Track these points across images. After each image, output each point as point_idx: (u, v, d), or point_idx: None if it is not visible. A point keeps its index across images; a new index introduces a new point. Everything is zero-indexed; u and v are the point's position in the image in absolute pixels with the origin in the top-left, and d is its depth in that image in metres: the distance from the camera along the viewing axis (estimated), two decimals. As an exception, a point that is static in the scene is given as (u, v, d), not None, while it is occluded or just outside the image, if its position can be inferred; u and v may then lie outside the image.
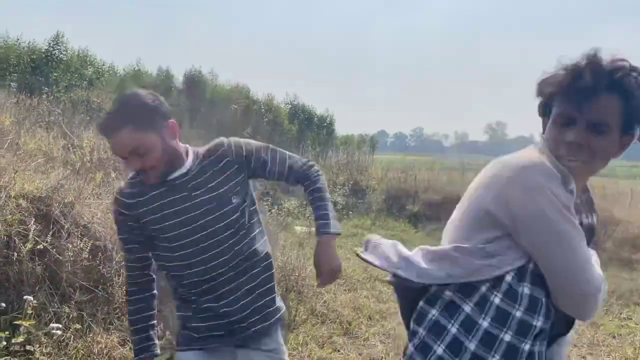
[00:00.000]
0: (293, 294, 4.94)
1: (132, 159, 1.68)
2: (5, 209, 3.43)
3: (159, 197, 1.76)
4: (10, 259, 3.28)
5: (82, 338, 3.31)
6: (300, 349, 4.10)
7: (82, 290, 3.61)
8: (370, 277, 6.29)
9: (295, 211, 10.49)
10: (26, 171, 3.98)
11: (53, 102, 9.05)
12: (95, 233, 3.84)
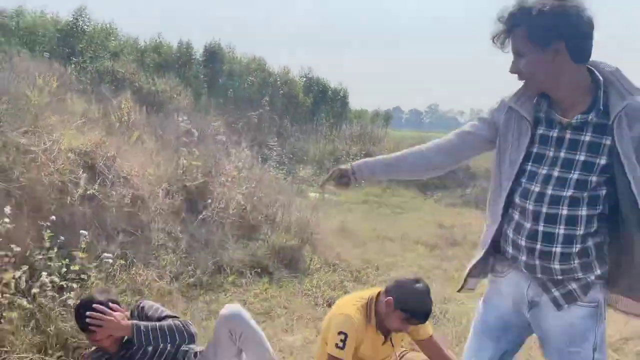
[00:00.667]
0: (308, 246, 5.42)
1: None
2: (58, 160, 3.92)
3: None
4: (65, 202, 3.78)
5: (126, 272, 3.84)
6: (315, 290, 4.60)
7: (125, 232, 4.12)
8: (379, 236, 6.76)
9: (309, 179, 10.95)
10: (72, 129, 4.46)
11: (80, 72, 9.52)
12: (134, 184, 4.34)
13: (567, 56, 1.55)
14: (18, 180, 3.59)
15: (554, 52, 1.55)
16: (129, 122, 5.04)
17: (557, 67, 1.57)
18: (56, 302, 3.20)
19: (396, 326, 2.65)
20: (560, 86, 1.61)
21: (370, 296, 2.73)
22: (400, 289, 2.60)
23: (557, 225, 1.63)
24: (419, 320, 2.63)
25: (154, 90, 9.94)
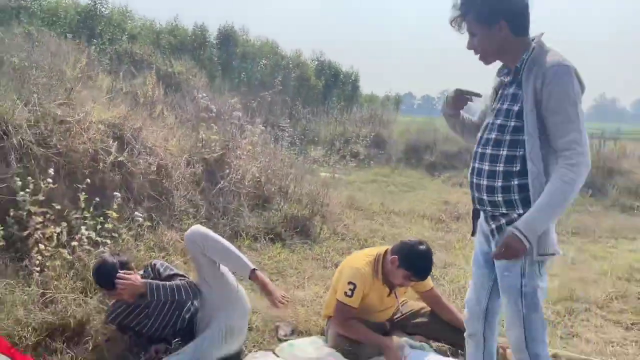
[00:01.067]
0: (318, 216, 5.76)
1: None
2: (90, 130, 4.28)
3: None
4: (97, 169, 4.15)
5: (152, 232, 4.21)
6: (324, 255, 4.95)
7: (150, 198, 4.49)
8: (387, 210, 7.08)
9: (320, 159, 11.26)
10: (100, 104, 4.81)
11: (100, 53, 9.87)
12: (158, 154, 4.70)
13: (509, 31, 1.96)
14: (56, 147, 3.97)
15: (498, 29, 1.96)
16: (153, 98, 5.38)
17: (502, 41, 1.98)
18: (92, 254, 3.57)
19: (399, 281, 2.99)
20: (506, 55, 2.02)
21: (378, 253, 3.07)
22: (405, 249, 2.93)
23: (484, 162, 2.04)
24: (419, 278, 2.97)
25: (170, 72, 10.27)
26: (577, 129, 1.86)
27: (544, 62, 1.90)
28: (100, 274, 2.84)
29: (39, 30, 5.94)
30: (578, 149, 1.84)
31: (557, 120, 1.87)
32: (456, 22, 2.03)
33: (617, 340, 3.40)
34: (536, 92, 1.90)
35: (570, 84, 1.87)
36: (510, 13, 1.96)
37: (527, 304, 2.00)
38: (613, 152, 10.17)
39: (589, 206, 8.30)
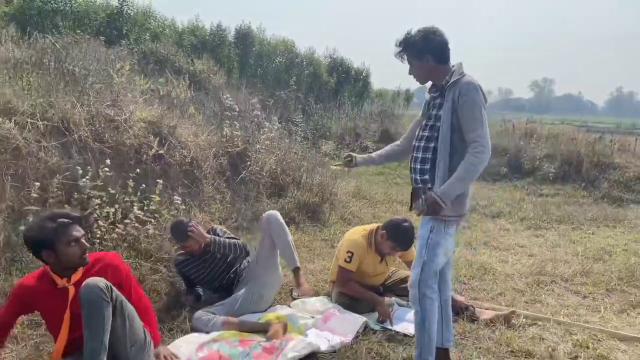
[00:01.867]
0: (327, 203, 6.51)
1: None
2: (134, 127, 5.06)
3: None
4: (141, 160, 4.93)
5: (187, 214, 4.98)
6: (332, 236, 5.69)
7: (184, 186, 5.27)
8: (390, 199, 7.80)
9: (331, 153, 11.99)
10: (139, 103, 5.58)
11: (128, 53, 10.64)
12: (190, 148, 5.47)
13: (434, 62, 2.75)
14: (108, 142, 4.75)
15: (426, 61, 2.74)
16: (185, 99, 6.16)
17: (430, 69, 2.76)
18: (140, 230, 4.36)
19: (387, 251, 3.74)
20: (434, 78, 2.79)
21: (372, 228, 3.82)
22: (392, 225, 3.68)
23: (418, 152, 2.81)
24: (402, 248, 3.72)
25: (192, 70, 11.03)
26: (480, 126, 2.60)
27: (460, 82, 2.67)
28: (177, 228, 3.61)
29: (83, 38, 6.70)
30: (481, 141, 2.59)
31: (468, 120, 2.62)
32: (399, 55, 2.82)
33: (572, 305, 4.09)
34: (454, 101, 2.66)
35: (477, 95, 2.63)
36: (434, 49, 2.73)
37: (428, 253, 2.73)
38: (607, 148, 10.72)
39: (580, 198, 8.94)
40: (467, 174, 2.62)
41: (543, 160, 10.59)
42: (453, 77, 2.72)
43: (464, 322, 3.56)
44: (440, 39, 2.75)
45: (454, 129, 2.67)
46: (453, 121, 2.67)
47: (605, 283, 4.54)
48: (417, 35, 2.75)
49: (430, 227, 2.74)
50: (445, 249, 2.79)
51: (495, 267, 4.88)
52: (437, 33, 2.75)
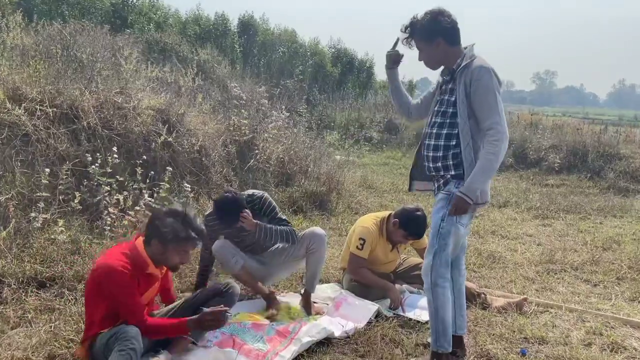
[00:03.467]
0: (334, 193, 6.49)
1: None
2: (143, 115, 5.04)
3: None
4: (149, 147, 4.92)
5: (196, 201, 4.98)
6: (340, 226, 5.68)
7: (192, 174, 5.26)
8: (396, 189, 7.79)
9: (335, 143, 11.97)
10: (147, 91, 5.56)
11: (134, 42, 10.61)
12: (198, 136, 5.45)
13: (445, 44, 2.66)
14: (117, 129, 4.74)
15: (437, 44, 2.66)
16: (193, 87, 6.13)
17: (441, 52, 2.67)
18: (150, 217, 4.35)
19: (399, 239, 3.73)
20: (446, 62, 2.70)
21: (383, 216, 3.81)
22: (404, 213, 3.66)
23: (430, 139, 2.74)
24: (414, 237, 3.71)
25: (196, 59, 10.99)
26: (496, 113, 2.54)
27: (472, 65, 2.60)
28: (229, 209, 3.17)
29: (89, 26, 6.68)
30: (498, 128, 2.54)
31: (482, 107, 2.57)
32: (407, 41, 2.75)
33: (584, 292, 4.09)
34: (466, 87, 2.60)
35: (490, 80, 2.56)
36: (444, 31, 2.64)
37: (440, 243, 2.70)
38: (613, 138, 10.68)
39: (586, 188, 8.92)
40: (488, 165, 2.56)
41: (548, 150, 10.55)
42: (464, 60, 2.65)
43: (477, 309, 3.55)
44: (450, 19, 2.67)
45: (470, 116, 2.62)
46: (470, 105, 2.60)
47: (615, 272, 4.53)
48: (424, 18, 2.67)
49: (442, 216, 2.70)
50: (457, 238, 2.75)
51: (504, 256, 4.88)
52: (446, 14, 2.67)
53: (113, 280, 2.40)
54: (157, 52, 10.62)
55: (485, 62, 2.62)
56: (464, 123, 2.63)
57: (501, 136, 2.55)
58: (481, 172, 2.56)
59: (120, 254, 2.49)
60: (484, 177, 2.59)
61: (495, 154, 2.54)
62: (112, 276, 2.40)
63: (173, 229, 2.45)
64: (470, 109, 2.62)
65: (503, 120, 2.58)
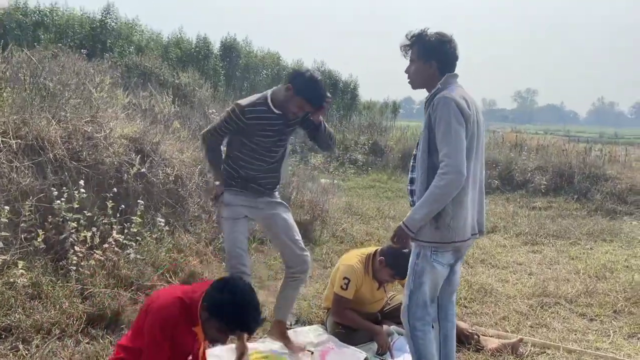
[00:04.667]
0: (318, 221, 6.27)
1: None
2: (114, 145, 4.79)
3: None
4: (121, 179, 4.65)
5: (171, 236, 4.71)
6: (324, 257, 5.45)
7: (167, 205, 4.99)
8: (383, 215, 7.58)
9: (320, 167, 11.78)
10: (120, 119, 5.31)
11: (112, 66, 10.38)
12: (174, 165, 5.20)
13: (436, 70, 2.55)
14: (86, 160, 4.47)
15: (429, 65, 2.54)
16: (169, 114, 5.90)
17: (429, 75, 2.56)
18: (120, 255, 4.07)
19: (386, 278, 3.51)
20: (428, 86, 2.59)
21: (369, 253, 3.58)
22: (391, 251, 3.44)
23: (410, 172, 2.67)
24: (401, 277, 3.48)
25: (177, 83, 10.78)
26: (448, 145, 2.38)
27: (437, 95, 2.47)
28: (319, 88, 2.97)
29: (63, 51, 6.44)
30: (447, 161, 2.38)
31: (437, 139, 2.43)
32: (404, 49, 2.63)
33: (580, 329, 3.88)
34: (430, 117, 2.48)
35: (445, 110, 2.41)
36: (443, 58, 2.54)
37: (414, 281, 2.54)
38: (599, 159, 10.64)
39: (574, 211, 8.80)
40: (431, 198, 2.42)
41: (534, 172, 10.46)
42: (434, 89, 2.54)
43: (469, 352, 3.32)
44: (453, 50, 2.57)
45: (432, 149, 2.48)
46: (430, 139, 2.48)
47: (612, 304, 4.35)
48: (432, 36, 2.56)
49: (417, 253, 2.57)
50: (435, 277, 2.57)
51: (495, 288, 4.67)
52: (452, 43, 2.57)
53: (158, 316, 2.32)
54: (136, 76, 10.38)
55: (450, 92, 2.47)
56: (419, 156, 2.54)
57: (449, 169, 2.38)
58: (423, 204, 2.44)
59: (175, 297, 2.39)
60: (426, 210, 2.44)
61: (440, 188, 2.39)
62: (160, 312, 2.33)
63: (232, 314, 2.28)
64: (431, 142, 2.48)
65: (457, 152, 2.39)
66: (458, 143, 2.41)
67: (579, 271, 5.29)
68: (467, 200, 2.55)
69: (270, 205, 3.28)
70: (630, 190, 9.48)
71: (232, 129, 3.09)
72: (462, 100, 2.48)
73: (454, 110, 2.42)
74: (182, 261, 4.38)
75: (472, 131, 2.52)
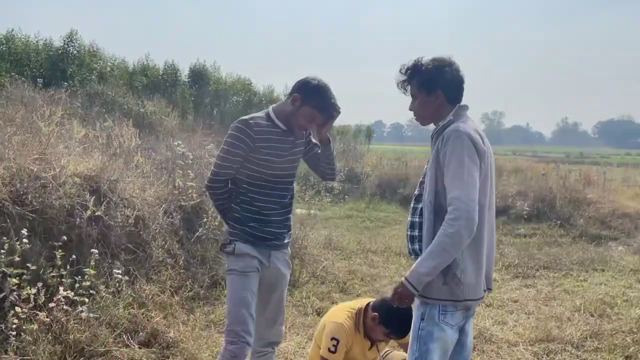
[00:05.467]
0: (297, 259, 5.77)
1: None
2: (66, 185, 4.24)
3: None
4: (73, 224, 4.10)
5: (131, 287, 4.15)
6: (304, 301, 4.95)
7: (127, 251, 4.44)
8: (364, 249, 7.14)
9: (295, 195, 11.30)
10: (76, 155, 4.77)
11: (72, 95, 9.79)
12: (135, 205, 4.67)
13: (444, 99, 2.20)
14: (32, 204, 3.91)
15: (435, 97, 2.20)
16: (130, 148, 5.38)
17: (437, 107, 2.22)
18: (70, 315, 3.51)
19: (380, 338, 3.05)
20: (437, 119, 2.24)
21: (359, 307, 3.11)
22: (385, 306, 2.97)
23: (410, 215, 2.29)
24: (398, 337, 3.03)
25: (143, 112, 10.25)
26: (459, 186, 2.01)
27: (447, 128, 2.12)
28: (331, 95, 2.64)
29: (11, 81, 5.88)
30: (456, 203, 1.99)
31: (447, 178, 2.06)
32: (402, 85, 2.29)
33: (594, 381, 3.49)
34: (438, 153, 2.11)
35: (457, 144, 2.05)
36: (447, 84, 2.20)
37: (420, 349, 2.11)
38: (578, 183, 10.51)
39: (558, 237, 8.55)
40: (438, 249, 2.02)
41: (515, 197, 10.24)
42: (445, 122, 2.18)
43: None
44: (457, 73, 2.22)
45: (440, 189, 2.10)
46: (438, 179, 2.11)
47: (621, 348, 3.97)
48: (429, 64, 2.21)
49: (421, 314, 2.16)
50: (444, 344, 2.14)
51: (495, 333, 4.25)
52: (454, 66, 2.22)
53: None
54: (98, 106, 9.81)
55: (462, 125, 2.11)
56: (426, 197, 2.15)
57: (460, 214, 1.98)
58: (429, 256, 2.04)
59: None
60: (433, 262, 2.03)
61: (449, 236, 1.99)
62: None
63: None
64: (439, 182, 2.11)
65: (469, 195, 2.01)
66: (471, 184, 2.03)
67: (578, 308, 4.93)
68: (483, 250, 2.15)
69: (283, 264, 2.83)
70: (613, 215, 9.33)
71: (240, 154, 2.60)
72: (476, 134, 2.11)
73: (467, 146, 2.05)
74: (142, 317, 3.83)
75: (485, 171, 2.14)
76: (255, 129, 2.59)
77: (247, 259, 2.66)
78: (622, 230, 8.86)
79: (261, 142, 2.60)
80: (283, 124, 2.66)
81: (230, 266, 2.69)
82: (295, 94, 2.60)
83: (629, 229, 8.96)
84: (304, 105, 2.59)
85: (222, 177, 2.69)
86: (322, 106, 2.61)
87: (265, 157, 2.61)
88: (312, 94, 2.59)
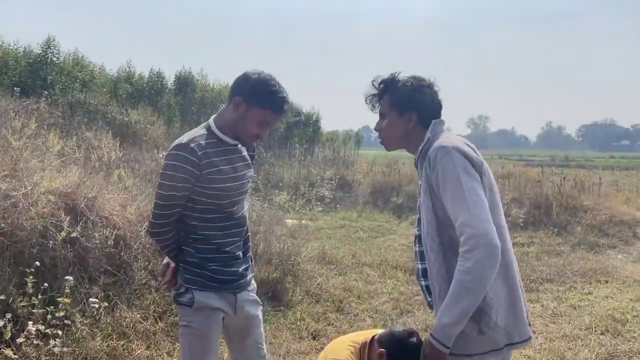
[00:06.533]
0: (289, 277, 5.46)
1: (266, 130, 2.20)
2: (39, 203, 3.90)
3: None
4: (47, 247, 3.75)
5: (110, 314, 3.81)
6: (299, 323, 4.63)
7: (107, 274, 4.10)
8: (359, 262, 6.84)
9: (285, 205, 11.00)
10: (51, 170, 4.43)
11: (52, 104, 9.40)
12: (115, 224, 4.33)
13: (417, 123, 1.92)
14: (0, 226, 3.56)
15: (407, 119, 1.92)
16: (109, 161, 5.04)
17: (408, 131, 1.95)
18: (42, 350, 3.17)
19: None
20: (410, 144, 1.97)
21: (363, 341, 2.79)
22: (393, 342, 2.64)
23: (416, 245, 2.02)
24: None
25: (127, 121, 9.88)
26: (465, 209, 1.71)
27: (430, 148, 1.84)
28: (278, 87, 2.16)
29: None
30: (468, 232, 1.68)
31: (447, 205, 1.77)
32: (371, 100, 2.01)
33: (616, 412, 3.22)
34: (429, 179, 1.82)
35: (450, 163, 1.75)
36: (424, 108, 1.94)
37: None
38: (574, 189, 10.33)
39: (556, 246, 8.32)
40: (461, 291, 1.70)
41: (510, 204, 10.00)
42: (423, 143, 1.90)
43: None
44: (435, 96, 1.97)
45: (442, 221, 1.80)
46: (436, 208, 1.81)
47: (640, 372, 3.72)
48: (407, 82, 1.94)
49: None
50: None
51: (504, 357, 3.96)
52: (432, 87, 1.97)
53: None
54: (80, 115, 9.43)
55: (446, 139, 1.83)
56: (427, 234, 1.84)
57: (475, 242, 1.67)
58: (451, 302, 1.71)
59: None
60: (458, 309, 1.70)
61: (469, 272, 1.67)
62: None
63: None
64: (439, 211, 1.80)
65: (478, 215, 1.69)
66: (478, 203, 1.71)
67: (589, 326, 4.68)
68: (515, 279, 1.87)
69: (252, 306, 2.38)
70: (610, 222, 9.15)
71: (187, 186, 2.08)
72: (465, 145, 1.83)
73: (459, 161, 1.76)
74: (123, 350, 3.49)
75: (488, 183, 1.84)
76: (199, 153, 2.06)
77: (207, 312, 2.19)
78: (620, 238, 8.68)
79: (209, 168, 2.09)
80: (231, 138, 2.18)
81: (187, 321, 2.19)
82: (236, 97, 2.12)
83: (627, 236, 8.78)
84: (250, 107, 2.11)
85: (168, 220, 2.16)
86: (272, 102, 2.11)
87: (217, 184, 2.12)
88: (256, 92, 2.10)
